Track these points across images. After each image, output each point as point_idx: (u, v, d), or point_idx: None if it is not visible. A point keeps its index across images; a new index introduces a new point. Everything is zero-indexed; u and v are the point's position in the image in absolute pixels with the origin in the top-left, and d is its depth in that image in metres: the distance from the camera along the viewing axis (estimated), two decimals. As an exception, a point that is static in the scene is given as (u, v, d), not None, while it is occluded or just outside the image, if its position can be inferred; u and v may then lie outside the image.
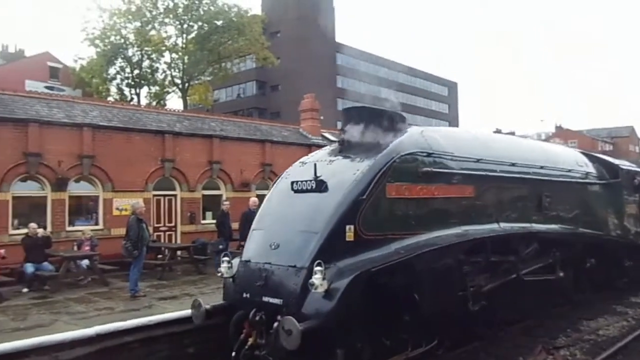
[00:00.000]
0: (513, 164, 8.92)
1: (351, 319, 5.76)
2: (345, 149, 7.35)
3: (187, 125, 17.81)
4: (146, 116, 17.43)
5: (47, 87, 33.75)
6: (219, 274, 7.18)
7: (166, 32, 36.44)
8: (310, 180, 6.66)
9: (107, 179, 14.79)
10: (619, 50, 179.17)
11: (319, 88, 37.46)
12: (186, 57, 35.61)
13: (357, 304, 5.78)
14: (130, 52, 35.80)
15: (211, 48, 35.57)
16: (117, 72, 36.27)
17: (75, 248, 13.19)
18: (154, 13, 35.36)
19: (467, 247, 7.25)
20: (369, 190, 6.26)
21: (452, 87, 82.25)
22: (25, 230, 12.27)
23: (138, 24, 34.94)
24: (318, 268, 5.62)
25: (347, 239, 6.06)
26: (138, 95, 36.90)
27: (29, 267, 11.45)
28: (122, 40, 35.06)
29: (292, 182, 6.96)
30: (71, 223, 14.22)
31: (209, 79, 39.36)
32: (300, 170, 7.39)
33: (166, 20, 35.94)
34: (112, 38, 34.70)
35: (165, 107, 28.61)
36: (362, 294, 5.78)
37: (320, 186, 6.56)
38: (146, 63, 36.61)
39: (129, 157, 15.16)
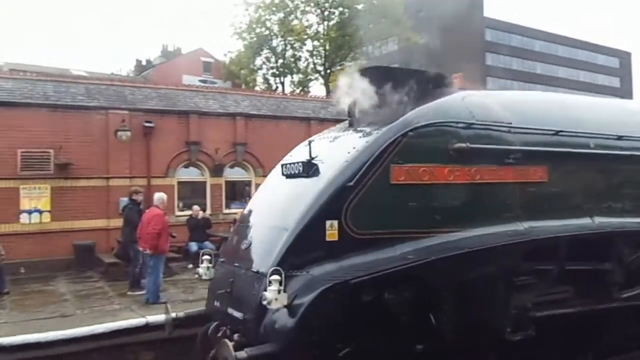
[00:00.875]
0: (619, 137, 6.70)
1: (325, 346, 4.50)
2: (357, 121, 5.89)
3: (331, 111, 18.42)
4: (292, 104, 18.42)
5: (201, 81, 37.25)
6: (196, 275, 6.13)
7: (307, 20, 37.81)
8: (298, 163, 5.49)
9: (259, 164, 15.99)
10: None
11: (467, 67, 36.22)
12: (328, 44, 36.69)
13: (333, 325, 4.50)
14: (274, 43, 37.88)
15: (352, 33, 36.19)
16: (263, 63, 38.60)
17: (232, 229, 14.50)
18: (295, 2, 36.89)
19: (525, 249, 5.48)
20: (359, 175, 4.87)
21: (624, 57, 74.03)
22: (188, 212, 13.83)
23: (281, 14, 36.76)
24: (274, 277, 4.42)
25: (328, 239, 4.73)
26: (282, 84, 38.96)
27: (193, 246, 12.88)
28: (267, 32, 37.22)
29: (282, 165, 5.88)
30: (227, 206, 15.69)
31: (350, 64, 40.11)
32: (303, 150, 5.84)
33: (307, 9, 37.28)
34: (258, 30, 37.03)
35: (309, 95, 29.88)
36: (342, 313, 4.50)
37: (308, 169, 5.32)
38: (289, 52, 38.46)
39: (277, 144, 16.13)
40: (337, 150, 5.42)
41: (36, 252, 12.82)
